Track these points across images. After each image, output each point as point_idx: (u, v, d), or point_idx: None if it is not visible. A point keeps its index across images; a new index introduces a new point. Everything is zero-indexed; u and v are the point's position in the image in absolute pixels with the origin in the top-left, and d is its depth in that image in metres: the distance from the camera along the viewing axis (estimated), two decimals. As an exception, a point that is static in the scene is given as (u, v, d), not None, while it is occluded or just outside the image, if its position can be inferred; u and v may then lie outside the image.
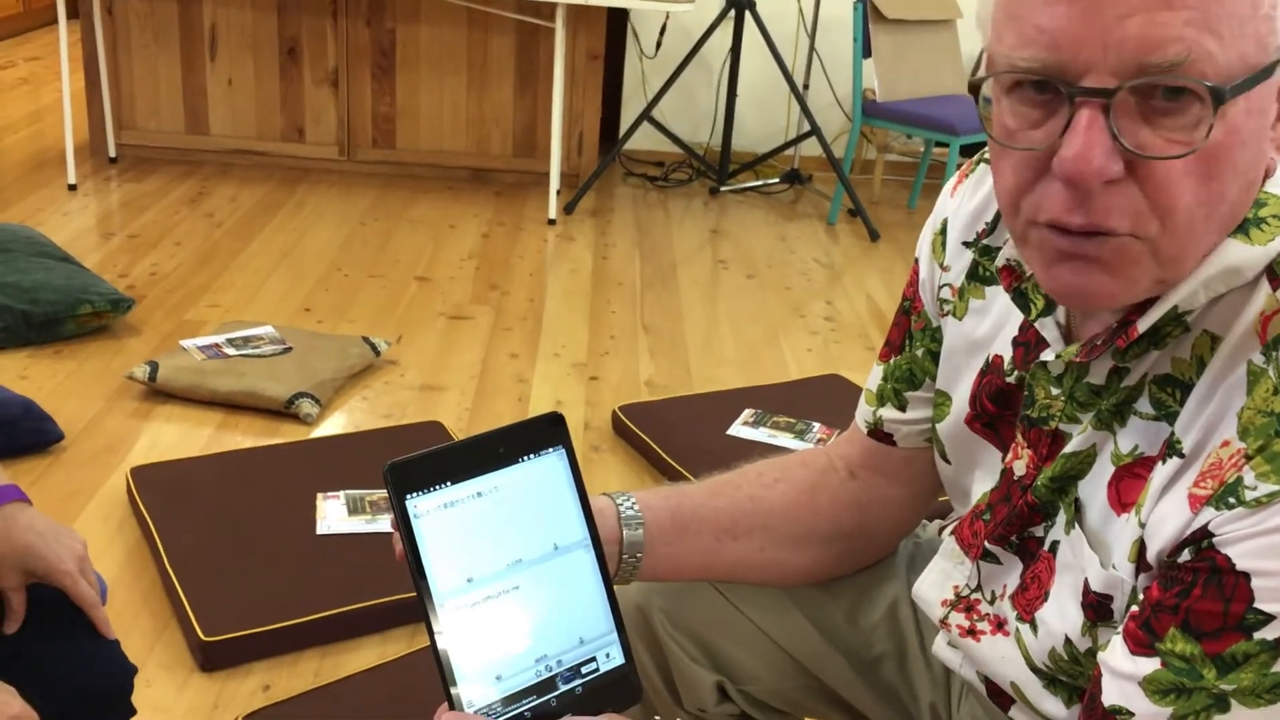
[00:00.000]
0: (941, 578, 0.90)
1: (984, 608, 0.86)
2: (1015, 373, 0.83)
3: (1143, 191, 0.64)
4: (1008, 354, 0.83)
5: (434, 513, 0.73)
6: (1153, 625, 0.68)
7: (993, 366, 0.85)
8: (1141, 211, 0.65)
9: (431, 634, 0.72)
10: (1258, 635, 0.63)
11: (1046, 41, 0.63)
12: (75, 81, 4.17)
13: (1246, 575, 0.64)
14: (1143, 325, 0.71)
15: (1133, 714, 0.68)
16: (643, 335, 2.95)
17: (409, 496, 0.72)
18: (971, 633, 0.87)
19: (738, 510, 0.97)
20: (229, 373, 2.41)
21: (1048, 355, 0.78)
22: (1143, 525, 0.71)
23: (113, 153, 4.05)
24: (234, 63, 4.04)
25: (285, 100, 4.09)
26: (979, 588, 0.87)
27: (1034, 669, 0.82)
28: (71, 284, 2.64)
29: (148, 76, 4.05)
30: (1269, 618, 0.63)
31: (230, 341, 2.57)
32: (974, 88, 0.69)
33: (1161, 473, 0.71)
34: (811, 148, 4.36)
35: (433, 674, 0.72)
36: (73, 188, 3.72)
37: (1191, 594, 0.66)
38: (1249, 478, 0.64)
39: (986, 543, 0.85)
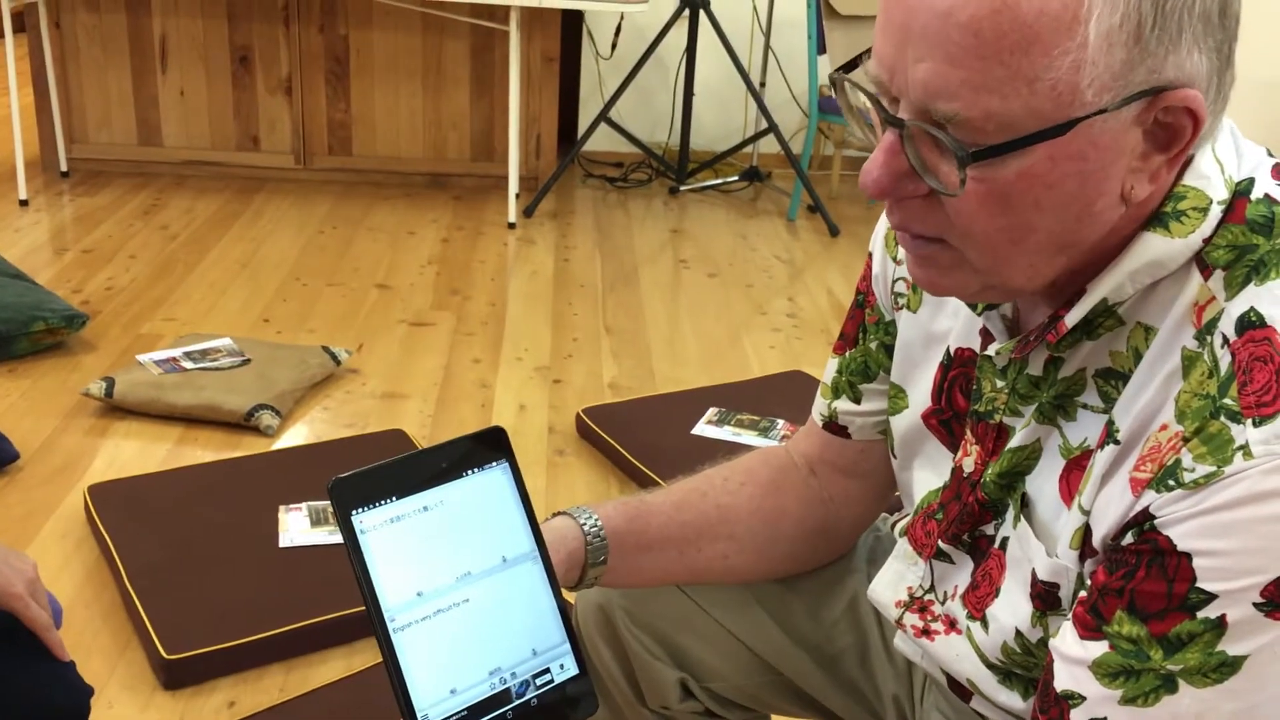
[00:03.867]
0: (895, 579, 0.91)
1: (937, 608, 0.87)
2: None
3: (943, 211, 0.68)
4: (978, 345, 0.84)
5: (381, 527, 0.72)
6: (1100, 609, 0.69)
7: (967, 360, 0.85)
8: (944, 225, 0.69)
9: (383, 649, 0.71)
10: (1201, 614, 0.64)
11: (877, 63, 0.67)
12: (24, 96, 4.12)
13: (1188, 555, 0.64)
14: (1070, 320, 0.72)
15: (1084, 698, 0.69)
16: (605, 337, 2.95)
17: (354, 512, 0.72)
18: (926, 632, 0.88)
19: (703, 521, 0.97)
20: (187, 386, 2.39)
21: (990, 349, 0.79)
22: (1085, 512, 0.72)
23: (64, 167, 3.99)
24: (185, 73, 4.00)
25: (239, 109, 4.06)
26: (932, 588, 0.88)
27: (988, 665, 0.83)
28: (24, 301, 2.60)
29: (98, 89, 4.00)
30: (1211, 596, 0.64)
31: (188, 355, 2.54)
32: (835, 83, 0.73)
33: (1100, 459, 0.72)
34: (770, 145, 4.37)
35: (396, 687, 0.72)
36: (24, 203, 3.67)
37: (1136, 576, 0.67)
38: (1187, 459, 0.65)
39: (940, 542, 0.85)
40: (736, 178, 4.39)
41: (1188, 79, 0.63)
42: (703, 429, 2.34)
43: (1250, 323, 0.66)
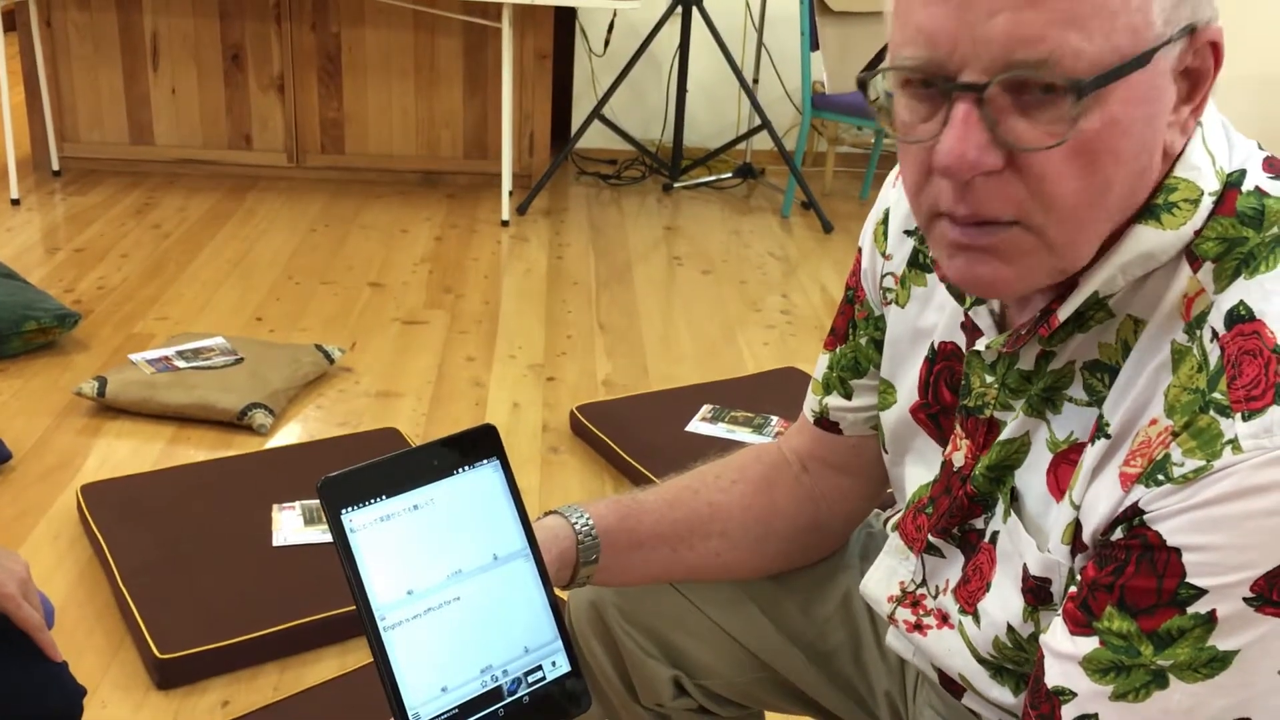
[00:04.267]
0: (887, 574, 0.91)
1: (929, 603, 0.87)
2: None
3: (1024, 182, 0.66)
4: (961, 340, 0.84)
5: (371, 526, 0.72)
6: (1090, 604, 0.69)
7: (950, 354, 0.85)
8: (1024, 201, 0.66)
9: (374, 647, 0.71)
10: (1191, 610, 0.64)
11: (925, 39, 0.65)
12: (15, 95, 4.11)
13: (1177, 551, 0.64)
14: (1063, 314, 0.72)
15: (1075, 694, 0.69)
16: (599, 334, 2.95)
17: (344, 511, 0.72)
18: (918, 627, 0.88)
19: (695, 519, 0.97)
20: (179, 385, 2.38)
21: (980, 345, 0.79)
22: (1076, 507, 0.72)
23: (56, 166, 3.98)
24: (177, 71, 3.99)
25: (231, 108, 4.05)
26: (924, 583, 0.88)
27: (980, 660, 0.83)
28: (16, 300, 2.59)
29: (89, 88, 3.99)
30: (1201, 592, 0.64)
31: (180, 354, 2.54)
32: (861, 83, 0.71)
33: (1091, 454, 0.72)
34: (763, 142, 4.37)
35: (390, 686, 0.72)
36: (15, 203, 3.66)
37: (1126, 571, 0.67)
38: (1176, 454, 0.65)
39: (930, 535, 0.85)
40: (730, 174, 4.39)
41: (1212, 16, 0.66)
42: (696, 426, 2.34)
43: (1239, 317, 0.66)
